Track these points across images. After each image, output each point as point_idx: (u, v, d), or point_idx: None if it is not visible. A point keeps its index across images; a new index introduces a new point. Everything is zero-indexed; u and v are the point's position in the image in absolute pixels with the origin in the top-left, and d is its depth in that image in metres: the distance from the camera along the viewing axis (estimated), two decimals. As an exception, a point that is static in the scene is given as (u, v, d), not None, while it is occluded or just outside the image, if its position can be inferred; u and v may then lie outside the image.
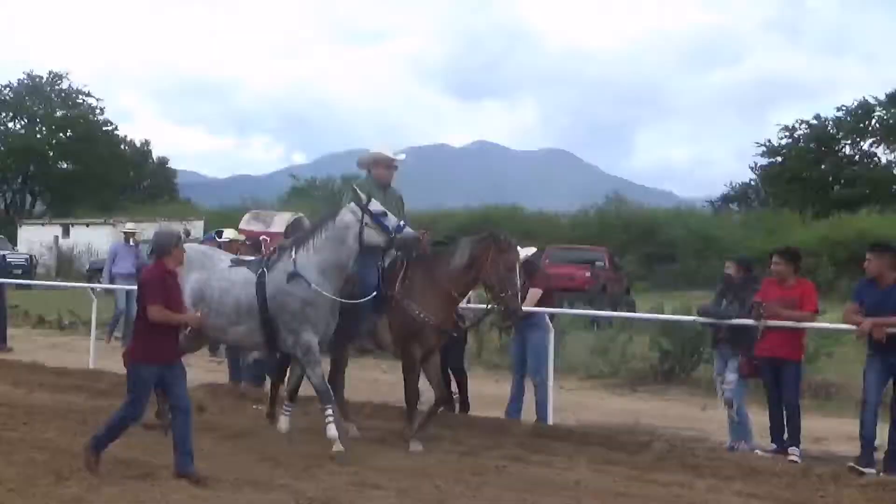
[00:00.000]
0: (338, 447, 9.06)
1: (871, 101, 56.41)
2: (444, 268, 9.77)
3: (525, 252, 10.92)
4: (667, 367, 15.27)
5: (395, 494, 7.87)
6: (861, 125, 56.66)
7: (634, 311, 23.05)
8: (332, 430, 9.17)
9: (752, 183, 59.32)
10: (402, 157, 10.47)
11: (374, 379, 13.29)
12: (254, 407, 11.47)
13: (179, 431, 8.04)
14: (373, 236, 9.42)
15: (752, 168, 59.38)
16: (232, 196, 57.07)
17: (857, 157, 57.22)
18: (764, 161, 58.17)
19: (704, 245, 38.93)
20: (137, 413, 8.17)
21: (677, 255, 41.36)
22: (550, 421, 11.03)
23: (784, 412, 9.95)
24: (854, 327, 9.63)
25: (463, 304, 10.51)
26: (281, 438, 9.86)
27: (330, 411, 9.23)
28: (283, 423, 10.26)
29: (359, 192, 9.54)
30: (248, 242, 13.25)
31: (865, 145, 57.35)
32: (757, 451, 9.95)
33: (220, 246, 12.52)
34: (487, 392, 12.08)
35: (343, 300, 9.45)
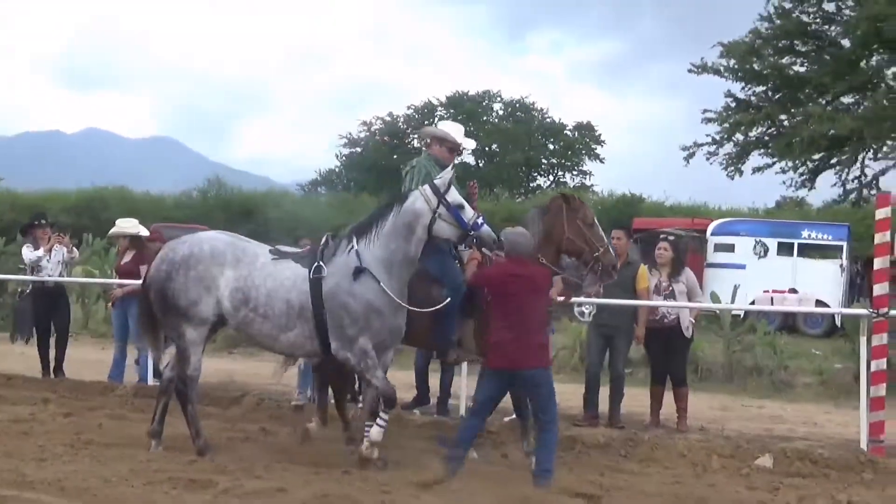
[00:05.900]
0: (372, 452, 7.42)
1: (435, 101, 60.06)
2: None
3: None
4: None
5: (-2, 456, 7.38)
6: (426, 122, 59.90)
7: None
8: (376, 433, 7.40)
9: (337, 170, 61.03)
10: (472, 145, 8.55)
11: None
12: None
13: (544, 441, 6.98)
14: (444, 230, 7.33)
15: (336, 156, 61.24)
16: None
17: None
18: (347, 151, 60.16)
19: (296, 224, 39.31)
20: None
21: (272, 232, 41.42)
22: (150, 382, 10.80)
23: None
24: None
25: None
26: None
27: (386, 417, 7.43)
28: (376, 433, 7.46)
29: (439, 176, 7.46)
30: None
31: (431, 140, 60.69)
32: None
33: None
34: (91, 358, 11.68)
35: (421, 309, 7.35)
